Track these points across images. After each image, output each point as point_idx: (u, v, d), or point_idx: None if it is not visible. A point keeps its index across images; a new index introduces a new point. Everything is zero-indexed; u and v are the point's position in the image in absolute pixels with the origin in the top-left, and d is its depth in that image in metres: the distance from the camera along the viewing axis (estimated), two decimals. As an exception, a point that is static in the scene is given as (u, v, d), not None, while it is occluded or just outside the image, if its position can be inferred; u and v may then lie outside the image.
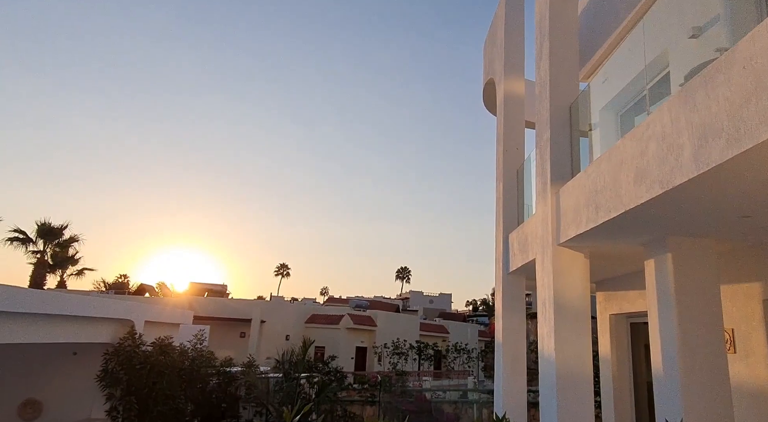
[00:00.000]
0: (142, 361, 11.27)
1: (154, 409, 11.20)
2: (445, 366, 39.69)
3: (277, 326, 32.35)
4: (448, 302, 75.28)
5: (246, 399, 14.44)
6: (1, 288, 8.64)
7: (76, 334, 10.55)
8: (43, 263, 34.42)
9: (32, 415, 11.45)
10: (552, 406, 5.93)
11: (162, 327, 13.73)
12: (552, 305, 6.23)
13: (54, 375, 11.62)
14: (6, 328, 8.62)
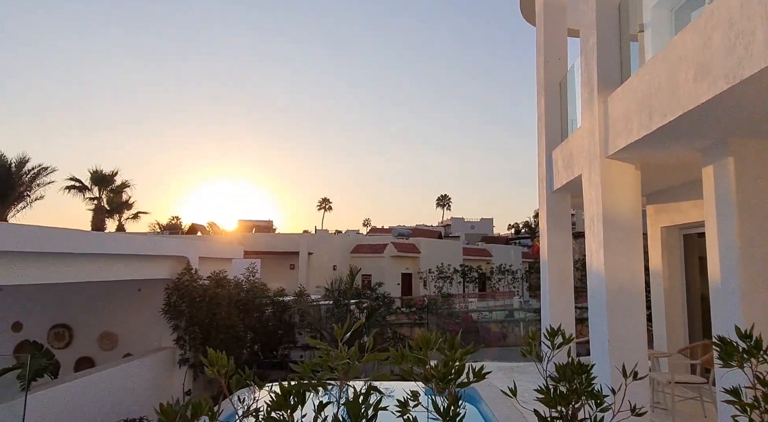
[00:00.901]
0: (200, 294, 11.93)
1: (216, 337, 11.97)
2: (489, 287, 40.45)
3: (324, 257, 33.45)
4: (489, 227, 75.41)
5: (300, 326, 15.25)
6: (76, 232, 9.52)
7: (139, 272, 11.19)
8: (100, 209, 36.29)
9: (109, 346, 12.46)
10: (602, 322, 5.90)
11: (215, 262, 14.38)
12: (600, 220, 6.04)
13: (124, 310, 12.51)
14: (80, 268, 9.28)
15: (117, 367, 10.41)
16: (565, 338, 2.12)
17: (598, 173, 6.11)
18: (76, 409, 8.79)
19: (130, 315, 12.49)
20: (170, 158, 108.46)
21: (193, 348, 11.89)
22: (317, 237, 40.29)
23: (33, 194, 30.03)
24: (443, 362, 1.94)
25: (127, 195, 38.55)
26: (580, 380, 1.89)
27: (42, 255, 8.43)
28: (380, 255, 34.78)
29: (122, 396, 9.84)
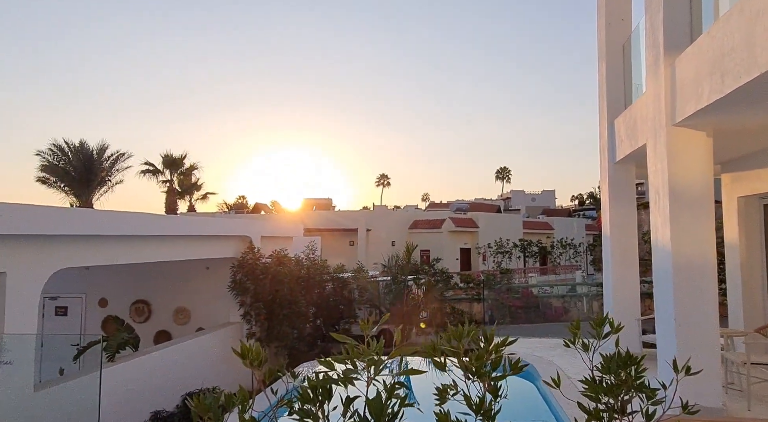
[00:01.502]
0: (263, 272, 12.44)
1: (280, 313, 12.49)
2: (551, 261, 39.43)
3: (382, 233, 33.79)
4: (551, 199, 73.07)
5: (359, 301, 15.59)
6: (152, 216, 10.69)
7: (207, 251, 11.84)
8: (172, 190, 38.44)
9: (183, 320, 13.31)
10: (668, 300, 5.62)
11: (276, 240, 14.88)
12: (666, 193, 5.69)
13: (195, 287, 13.29)
14: (156, 249, 10.03)
15: (191, 340, 11.13)
16: (613, 327, 2.02)
17: (664, 142, 5.74)
18: (155, 379, 9.51)
19: (201, 292, 13.26)
20: (237, 139, 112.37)
21: (259, 322, 12.47)
22: (376, 213, 40.69)
23: (113, 179, 32.24)
24: (476, 355, 1.90)
25: (195, 177, 40.56)
26: (628, 372, 1.80)
27: (124, 238, 9.12)
28: (438, 230, 34.67)
29: (196, 367, 10.52)
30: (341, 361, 1.91)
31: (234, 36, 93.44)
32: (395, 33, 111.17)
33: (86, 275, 12.80)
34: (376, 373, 1.89)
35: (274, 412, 2.18)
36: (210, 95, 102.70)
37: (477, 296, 18.15)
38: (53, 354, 9.52)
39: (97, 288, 13.23)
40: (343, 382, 1.86)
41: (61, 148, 30.39)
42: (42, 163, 30.09)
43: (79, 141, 30.94)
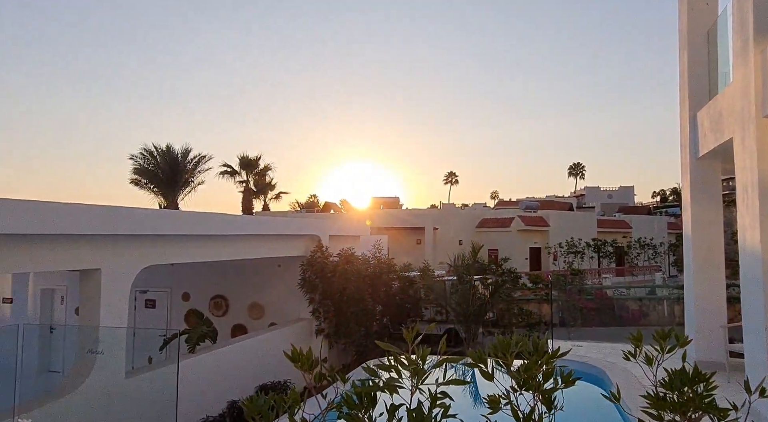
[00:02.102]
0: (331, 270, 12.79)
1: (347, 310, 12.78)
2: (627, 262, 37.34)
3: (450, 232, 33.53)
4: (629, 195, 69.12)
5: (426, 301, 15.60)
6: (230, 217, 11.48)
7: (278, 250, 12.37)
8: (248, 190, 40.37)
9: (258, 315, 13.97)
10: (757, 307, 5.20)
11: (344, 239, 15.22)
12: (756, 190, 5.27)
13: (268, 284, 13.90)
14: (233, 247, 10.72)
15: (264, 335, 11.67)
16: (680, 339, 1.92)
17: (754, 136, 5.31)
18: (232, 370, 10.06)
19: (273, 289, 13.84)
20: (310, 140, 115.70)
21: (327, 319, 12.84)
22: (443, 211, 40.44)
23: (196, 180, 34.44)
24: (525, 366, 1.87)
25: (269, 177, 42.30)
26: (695, 389, 1.70)
27: (204, 237, 9.77)
28: (506, 229, 33.90)
29: (269, 361, 11.00)
30: (386, 369, 1.92)
31: (305, 38, 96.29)
32: (461, 27, 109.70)
33: (171, 271, 13.76)
34: (419, 382, 1.88)
35: (324, 415, 2.24)
36: (284, 97, 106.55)
37: (546, 297, 17.59)
38: (144, 344, 10.33)
39: (180, 283, 14.19)
40: (388, 390, 1.87)
41: (151, 152, 32.85)
42: (134, 166, 32.69)
43: (166, 145, 33.32)
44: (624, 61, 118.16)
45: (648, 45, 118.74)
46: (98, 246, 7.64)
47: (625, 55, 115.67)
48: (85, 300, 7.76)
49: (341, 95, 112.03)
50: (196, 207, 34.31)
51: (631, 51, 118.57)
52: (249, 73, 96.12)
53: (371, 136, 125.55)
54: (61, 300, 13.11)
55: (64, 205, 6.99)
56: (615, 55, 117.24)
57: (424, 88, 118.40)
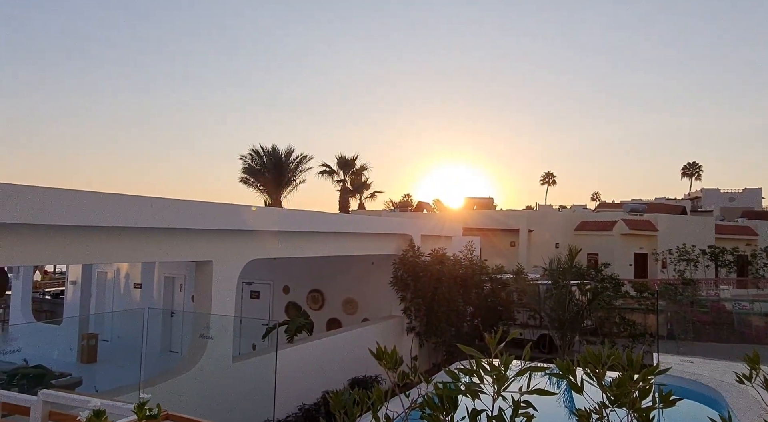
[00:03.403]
0: (422, 269, 12.95)
1: (438, 310, 12.87)
2: (752, 273, 33.46)
3: (545, 234, 32.27)
4: (755, 198, 61.78)
5: (518, 304, 15.23)
6: (327, 215, 11.90)
7: (371, 247, 12.78)
8: (345, 190, 41.90)
9: (351, 310, 14.50)
10: None
11: (436, 239, 15.30)
12: None
13: (361, 280, 14.38)
14: (329, 244, 11.31)
15: (357, 330, 12.11)
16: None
17: None
18: (325, 362, 10.57)
19: (367, 285, 14.28)
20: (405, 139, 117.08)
21: (418, 318, 13.01)
22: (539, 213, 39.01)
23: (297, 179, 36.43)
24: (617, 381, 1.81)
25: (365, 176, 43.57)
26: None
27: (303, 234, 10.39)
28: (608, 233, 31.89)
29: (361, 355, 11.35)
30: (468, 373, 1.94)
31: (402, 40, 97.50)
32: (562, 22, 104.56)
33: (273, 265, 14.71)
34: (501, 389, 1.86)
35: (407, 414, 2.32)
36: (382, 98, 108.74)
37: (652, 307, 16.35)
38: (248, 332, 11.17)
39: (282, 276, 15.12)
40: (469, 394, 1.89)
41: (258, 153, 35.29)
42: (244, 166, 35.29)
43: (272, 146, 35.58)
44: (746, 50, 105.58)
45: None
46: (211, 240, 8.42)
47: (748, 42, 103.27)
48: (199, 288, 8.60)
49: (437, 95, 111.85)
50: (297, 205, 36.26)
51: (755, 38, 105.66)
52: (348, 75, 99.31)
53: (466, 136, 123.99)
54: (180, 287, 14.58)
55: (184, 202, 7.79)
56: (738, 44, 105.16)
57: (522, 87, 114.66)
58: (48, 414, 3.72)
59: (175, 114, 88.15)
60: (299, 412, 9.49)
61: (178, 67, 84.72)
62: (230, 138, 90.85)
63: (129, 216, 6.85)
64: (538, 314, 15.12)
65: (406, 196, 70.31)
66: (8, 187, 5.61)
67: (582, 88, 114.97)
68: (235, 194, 69.39)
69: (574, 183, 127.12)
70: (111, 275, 15.56)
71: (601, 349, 2.03)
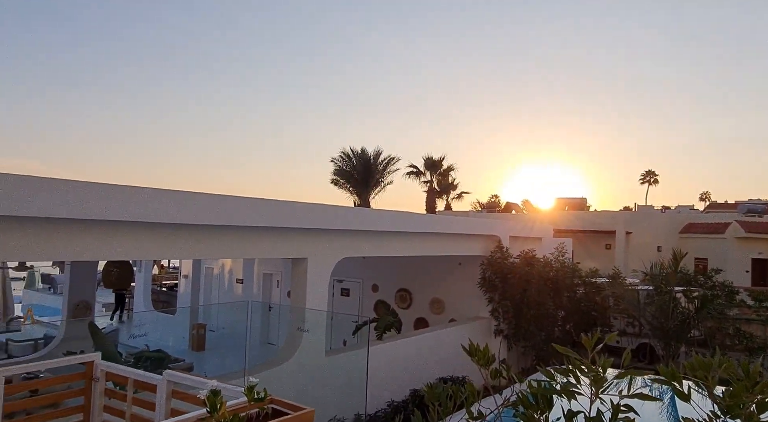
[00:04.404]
0: (511, 271, 12.69)
1: (527, 313, 12.54)
2: None
3: (645, 237, 30.12)
4: None
5: (615, 310, 14.41)
6: (414, 215, 12.14)
7: (458, 248, 12.76)
8: (432, 190, 42.15)
9: (438, 310, 14.56)
10: None
11: (525, 240, 14.91)
12: None
13: (449, 281, 14.39)
14: (417, 244, 11.46)
15: (444, 330, 12.15)
16: None
17: None
18: (412, 360, 10.72)
19: (453, 286, 14.27)
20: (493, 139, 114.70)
21: (506, 320, 12.78)
22: (638, 214, 36.52)
23: (385, 180, 37.34)
24: (731, 392, 1.71)
25: (452, 177, 43.54)
26: None
27: (391, 234, 10.64)
28: (720, 236, 29.07)
29: (448, 356, 11.42)
30: (564, 373, 1.93)
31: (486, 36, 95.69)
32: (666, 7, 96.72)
33: (363, 264, 15.15)
34: (598, 390, 1.83)
35: (500, 411, 2.34)
36: (467, 97, 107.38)
37: (776, 319, 14.68)
38: (340, 327, 11.64)
39: (371, 275, 15.54)
40: (565, 395, 1.87)
41: (348, 155, 36.61)
42: (335, 168, 36.73)
43: (361, 148, 36.77)
44: None
45: None
46: (306, 239, 8.89)
47: None
48: (295, 284, 9.11)
49: (527, 93, 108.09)
50: (385, 206, 36.95)
51: None
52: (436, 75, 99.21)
53: (558, 134, 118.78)
54: (277, 283, 15.49)
55: (282, 202, 8.30)
56: None
57: (621, 80, 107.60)
58: (171, 392, 4.18)
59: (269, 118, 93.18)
60: (388, 408, 9.72)
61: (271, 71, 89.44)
62: (321, 141, 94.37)
63: (233, 215, 7.43)
64: (637, 321, 14.23)
65: (493, 197, 68.93)
66: (148, 190, 6.37)
67: (690, 79, 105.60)
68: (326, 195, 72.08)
69: (679, 182, 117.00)
70: (217, 271, 16.89)
71: (710, 358, 1.94)
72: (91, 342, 7.91)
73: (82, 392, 4.64)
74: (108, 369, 4.65)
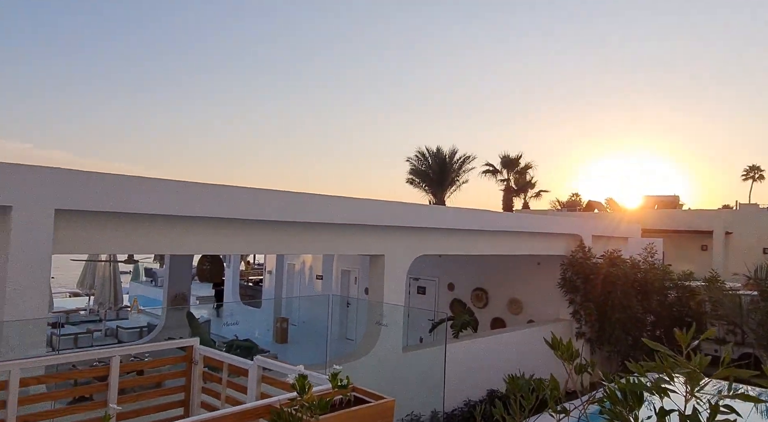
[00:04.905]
0: (594, 271, 12.14)
1: (612, 316, 11.95)
2: None
3: (749, 238, 27.55)
4: None
5: (712, 316, 13.35)
6: (490, 213, 12.05)
7: (537, 247, 12.40)
8: (509, 189, 41.21)
9: (516, 311, 14.25)
10: None
11: (609, 240, 14.21)
12: None
13: (527, 281, 14.04)
14: (493, 243, 11.29)
15: (522, 331, 11.88)
16: None
17: None
18: (487, 360, 10.58)
19: (532, 286, 13.90)
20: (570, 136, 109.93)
21: (589, 323, 12.25)
22: (740, 213, 33.43)
23: (460, 179, 37.09)
24: None
25: (530, 175, 42.28)
26: None
27: (467, 232, 10.57)
28: (840, 237, 26.01)
29: (526, 357, 11.15)
30: (654, 369, 1.86)
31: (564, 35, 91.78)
32: None
33: (439, 262, 15.16)
34: (694, 389, 1.76)
35: (585, 407, 2.28)
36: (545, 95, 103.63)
37: None
38: (416, 325, 11.75)
39: (446, 274, 15.51)
40: (656, 392, 1.81)
41: (423, 154, 36.75)
42: (410, 167, 37.01)
43: (436, 147, 36.74)
44: None
45: None
46: (383, 236, 9.07)
47: None
48: (373, 280, 9.32)
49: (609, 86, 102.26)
50: (460, 205, 36.60)
51: None
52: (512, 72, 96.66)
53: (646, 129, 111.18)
54: (354, 280, 15.90)
55: (361, 200, 8.53)
56: None
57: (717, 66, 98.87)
58: (261, 377, 4.47)
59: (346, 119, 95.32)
60: (465, 407, 9.68)
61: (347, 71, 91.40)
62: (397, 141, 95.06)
63: (314, 212, 7.75)
64: (739, 328, 13.09)
65: (573, 196, 66.02)
66: (242, 189, 6.86)
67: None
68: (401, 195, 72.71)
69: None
70: (298, 267, 17.63)
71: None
72: (188, 329, 8.58)
73: (183, 374, 5.07)
74: (205, 353, 5.05)
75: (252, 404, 3.57)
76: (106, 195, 5.66)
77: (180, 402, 5.00)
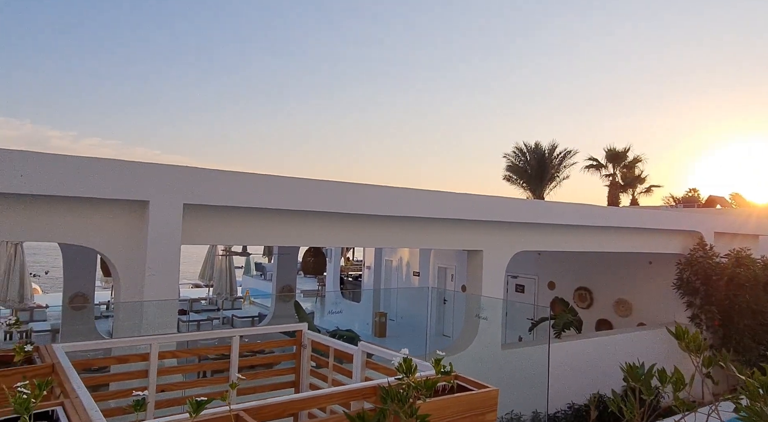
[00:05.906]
0: (716, 272, 11.05)
1: (739, 322, 10.82)
2: None
3: None
4: None
5: None
6: (595, 207, 11.23)
7: (648, 245, 11.53)
8: (615, 184, 38.69)
9: (624, 313, 13.36)
10: None
11: (735, 238, 12.84)
12: None
13: (636, 281, 13.12)
14: (598, 239, 10.68)
15: (631, 334, 11.13)
16: None
17: None
18: (594, 363, 10.05)
19: (642, 286, 12.96)
20: (688, 130, 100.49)
21: (711, 328, 11.19)
22: None
23: (561, 174, 35.51)
24: None
25: (639, 169, 39.36)
26: None
27: (569, 228, 10.11)
28: None
29: (636, 362, 10.46)
30: None
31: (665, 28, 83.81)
32: None
33: (538, 260, 14.67)
34: None
35: (716, 404, 2.15)
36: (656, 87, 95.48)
37: None
38: (514, 324, 11.49)
39: (547, 272, 14.96)
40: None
41: (521, 150, 35.69)
42: (507, 164, 36.11)
43: (535, 142, 35.50)
44: None
45: None
46: (480, 231, 8.98)
47: None
48: (470, 277, 9.26)
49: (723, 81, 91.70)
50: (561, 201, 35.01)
51: None
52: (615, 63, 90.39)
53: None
54: (451, 277, 15.87)
55: (458, 194, 8.51)
56: None
57: None
58: (365, 362, 4.67)
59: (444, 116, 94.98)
60: (569, 410, 9.30)
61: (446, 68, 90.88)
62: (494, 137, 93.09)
63: (414, 207, 7.88)
64: None
65: (691, 191, 60.22)
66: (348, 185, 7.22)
67: None
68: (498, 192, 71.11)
69: None
70: (395, 263, 17.97)
71: None
72: (295, 319, 9.12)
73: (293, 356, 5.44)
74: (313, 338, 5.37)
75: (360, 384, 3.75)
76: (226, 191, 6.22)
77: (291, 383, 5.36)
